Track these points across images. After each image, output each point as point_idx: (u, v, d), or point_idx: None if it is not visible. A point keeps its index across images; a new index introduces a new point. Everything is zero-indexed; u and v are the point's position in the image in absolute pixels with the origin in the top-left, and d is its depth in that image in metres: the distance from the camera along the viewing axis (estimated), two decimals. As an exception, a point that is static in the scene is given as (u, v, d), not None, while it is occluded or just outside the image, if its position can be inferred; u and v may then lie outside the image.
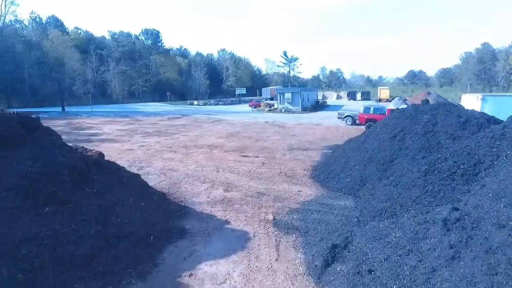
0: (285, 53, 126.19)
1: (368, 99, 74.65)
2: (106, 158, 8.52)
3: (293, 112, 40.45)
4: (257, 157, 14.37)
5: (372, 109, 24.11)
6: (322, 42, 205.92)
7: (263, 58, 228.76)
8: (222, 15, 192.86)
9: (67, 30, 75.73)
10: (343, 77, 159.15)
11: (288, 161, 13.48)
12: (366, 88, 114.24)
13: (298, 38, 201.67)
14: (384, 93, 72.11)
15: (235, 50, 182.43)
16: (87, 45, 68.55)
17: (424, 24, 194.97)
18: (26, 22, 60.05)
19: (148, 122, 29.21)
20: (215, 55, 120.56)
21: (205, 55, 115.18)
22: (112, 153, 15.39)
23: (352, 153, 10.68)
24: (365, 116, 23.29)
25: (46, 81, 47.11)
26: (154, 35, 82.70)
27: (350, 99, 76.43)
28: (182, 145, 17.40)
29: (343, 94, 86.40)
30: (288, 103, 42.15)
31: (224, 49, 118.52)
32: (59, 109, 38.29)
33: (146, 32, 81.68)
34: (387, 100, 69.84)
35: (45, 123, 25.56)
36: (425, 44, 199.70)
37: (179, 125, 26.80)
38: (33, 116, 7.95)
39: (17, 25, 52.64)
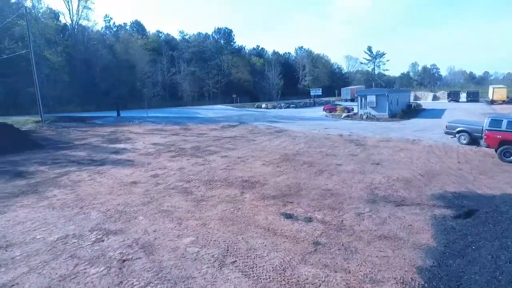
0: (369, 49, 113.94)
1: (477, 101, 60.21)
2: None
3: (377, 120, 32.28)
4: (310, 220, 8.09)
5: (505, 123, 15.30)
6: (412, 34, 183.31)
7: (343, 55, 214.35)
8: (301, 10, 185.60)
9: (147, 33, 78.22)
10: (439, 74, 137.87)
11: (366, 242, 6.91)
12: (470, 86, 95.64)
13: (384, 31, 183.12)
14: (499, 93, 56.94)
15: (314, 47, 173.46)
16: (164, 47, 69.20)
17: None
18: (99, 26, 62.80)
19: (195, 132, 24.87)
20: (293, 53, 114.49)
21: (281, 54, 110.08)
22: (104, 189, 10.92)
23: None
24: (498, 136, 14.79)
25: (116, 84, 47.37)
26: (226, 34, 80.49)
27: (451, 100, 62.80)
28: (208, 179, 12.01)
29: (441, 94, 72.22)
30: (372, 107, 34.04)
31: (301, 47, 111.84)
32: (121, 113, 37.08)
33: (218, 31, 79.92)
34: (503, 102, 54.95)
35: (91, 131, 23.02)
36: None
37: (227, 138, 21.68)
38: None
39: (90, 29, 54.55)
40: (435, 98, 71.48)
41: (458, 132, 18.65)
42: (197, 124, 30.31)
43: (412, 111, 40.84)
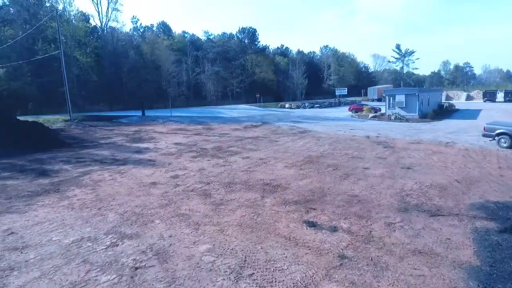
0: (398, 47, 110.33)
1: (515, 101, 56.52)
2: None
3: (407, 120, 30.85)
4: (335, 229, 7.50)
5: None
6: (443, 31, 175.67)
7: (370, 53, 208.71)
8: (326, 8, 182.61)
9: (173, 34, 79.43)
10: (473, 72, 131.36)
11: (398, 257, 6.24)
12: (507, 85, 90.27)
13: (413, 29, 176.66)
14: (541, 92, 53.34)
15: (339, 46, 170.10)
16: (189, 47, 69.97)
17: None
18: (127, 27, 64.52)
19: (218, 132, 24.69)
20: (318, 52, 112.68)
21: (306, 53, 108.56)
22: (123, 189, 10.80)
23: None
24: (546, 139, 13.48)
25: (143, 84, 48.37)
26: (250, 34, 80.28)
27: (486, 100, 59.40)
28: (228, 181, 11.65)
29: (476, 94, 68.57)
30: (401, 107, 32.60)
31: (327, 46, 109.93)
32: (146, 112, 37.75)
33: (242, 31, 79.93)
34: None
35: (116, 130, 23.38)
36: None
37: (249, 139, 21.30)
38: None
39: (118, 30, 55.99)
40: (468, 98, 67.97)
41: (498, 134, 17.27)
42: (220, 124, 30.21)
43: (444, 112, 38.86)
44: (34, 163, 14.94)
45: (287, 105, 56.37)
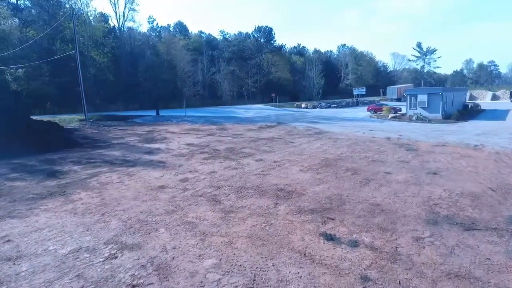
0: (419, 45, 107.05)
1: (546, 101, 53.54)
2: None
3: (429, 121, 29.41)
4: (356, 244, 6.70)
5: None
6: (466, 29, 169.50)
7: (389, 52, 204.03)
8: (344, 6, 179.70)
9: (190, 34, 79.60)
10: (498, 71, 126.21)
11: (431, 281, 5.39)
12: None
13: (434, 27, 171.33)
14: None
15: (357, 44, 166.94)
16: (204, 47, 69.94)
17: None
18: (143, 27, 64.96)
19: (231, 133, 24.09)
20: (335, 51, 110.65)
21: (323, 52, 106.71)
22: (130, 193, 10.32)
23: None
24: None
25: (159, 84, 48.44)
26: (266, 33, 79.42)
27: (513, 100, 56.56)
28: (239, 185, 10.99)
29: (502, 93, 65.44)
30: (423, 108, 31.15)
31: (344, 44, 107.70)
32: (161, 112, 37.67)
33: (258, 29, 79.12)
34: None
35: (130, 130, 23.13)
36: None
37: (264, 140, 20.59)
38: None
39: (135, 30, 56.37)
40: (494, 97, 64.95)
41: (533, 137, 15.90)
42: (234, 124, 29.63)
43: (469, 112, 37.02)
44: (44, 164, 14.74)
45: (303, 105, 55.35)
